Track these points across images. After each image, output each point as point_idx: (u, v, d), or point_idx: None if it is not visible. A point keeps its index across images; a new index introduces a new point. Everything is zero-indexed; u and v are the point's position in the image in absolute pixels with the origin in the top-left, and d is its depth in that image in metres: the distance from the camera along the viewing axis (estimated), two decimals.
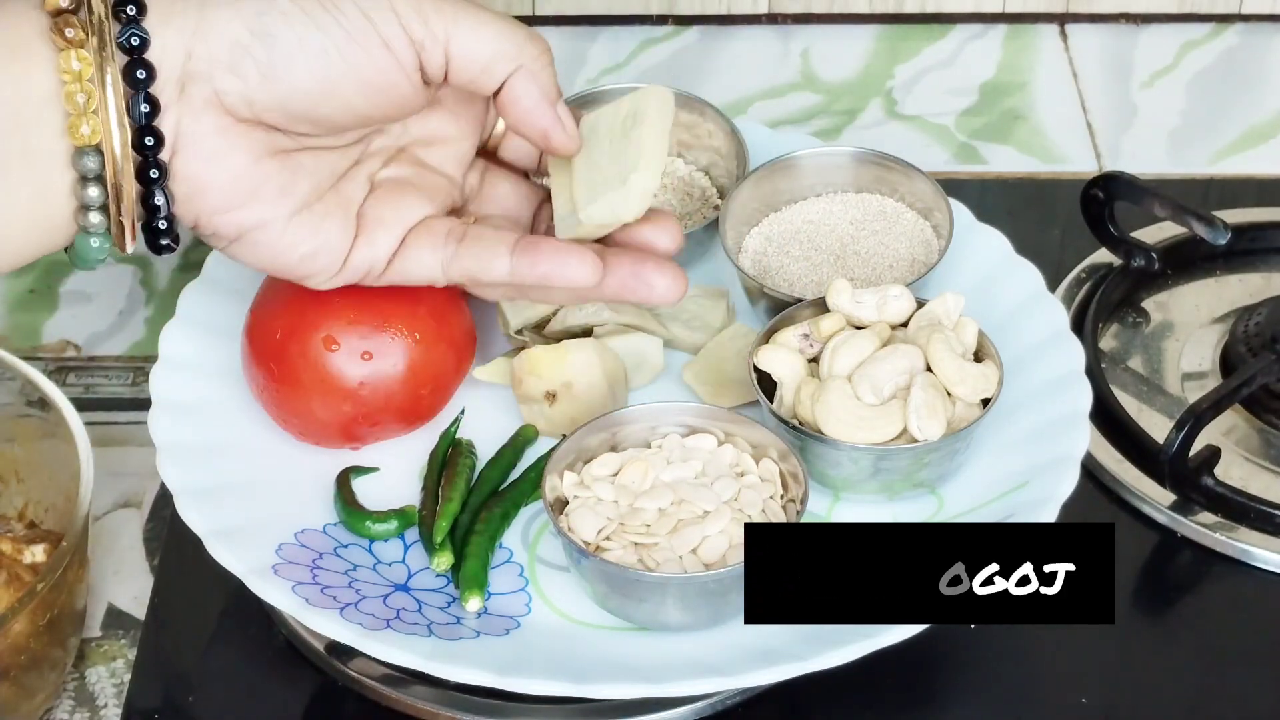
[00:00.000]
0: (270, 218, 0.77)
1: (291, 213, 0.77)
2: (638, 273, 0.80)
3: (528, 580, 0.83)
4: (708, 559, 0.79)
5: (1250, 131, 1.13)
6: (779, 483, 0.82)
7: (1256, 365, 0.91)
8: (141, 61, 0.72)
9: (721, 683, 0.77)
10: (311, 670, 0.83)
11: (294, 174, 0.77)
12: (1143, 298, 1.01)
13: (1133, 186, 0.99)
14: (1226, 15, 1.20)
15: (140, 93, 0.72)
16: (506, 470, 0.87)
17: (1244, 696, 0.83)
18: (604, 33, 1.20)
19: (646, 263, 0.80)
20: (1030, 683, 0.84)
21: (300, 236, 0.78)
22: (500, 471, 0.87)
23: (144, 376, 0.95)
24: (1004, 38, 1.20)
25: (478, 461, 0.87)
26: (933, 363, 0.84)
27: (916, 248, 0.94)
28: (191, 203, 0.75)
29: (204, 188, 0.75)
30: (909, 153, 0.97)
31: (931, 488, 0.86)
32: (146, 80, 0.72)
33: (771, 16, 1.21)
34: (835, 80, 1.17)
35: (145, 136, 0.73)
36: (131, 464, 0.92)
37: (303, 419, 0.86)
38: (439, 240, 0.80)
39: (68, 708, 0.83)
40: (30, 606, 0.77)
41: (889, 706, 0.82)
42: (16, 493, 0.87)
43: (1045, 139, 1.12)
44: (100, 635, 0.86)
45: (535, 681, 0.77)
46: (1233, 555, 0.88)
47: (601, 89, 1.00)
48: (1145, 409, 0.95)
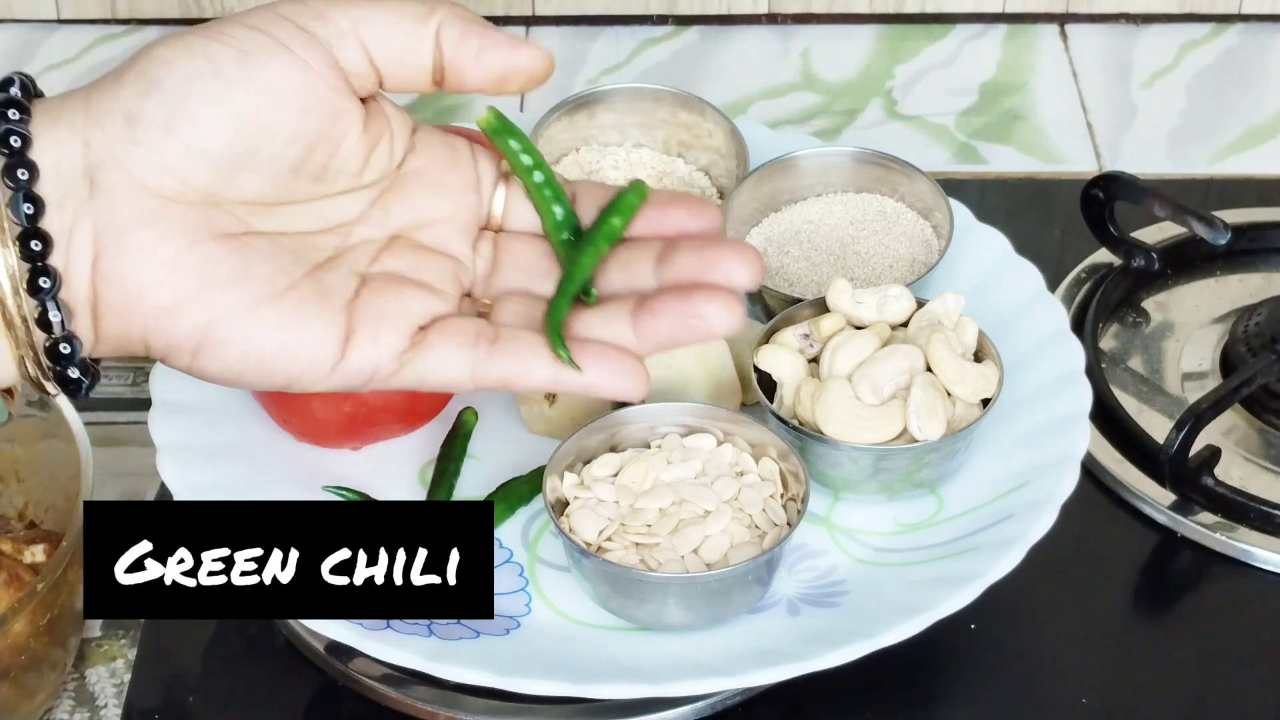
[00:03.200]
0: (228, 309, 0.66)
1: (255, 302, 0.67)
2: (691, 310, 0.70)
3: (528, 580, 0.83)
4: (709, 558, 0.79)
5: (1250, 131, 1.13)
6: (779, 482, 0.82)
7: (1256, 365, 0.91)
8: (22, 160, 0.64)
9: (721, 683, 0.77)
10: (311, 670, 0.83)
11: (246, 257, 0.67)
12: (1143, 298, 1.01)
13: (1133, 186, 0.99)
14: (1226, 15, 1.20)
15: (20, 192, 0.64)
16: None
17: (1244, 696, 0.83)
18: (604, 33, 1.20)
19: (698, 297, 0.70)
20: (1030, 683, 0.84)
21: (270, 327, 0.67)
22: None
23: (144, 376, 0.95)
24: (1004, 38, 1.20)
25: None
26: (933, 363, 0.84)
27: (916, 248, 0.94)
28: (133, 310, 0.66)
29: (141, 286, 0.66)
30: (909, 153, 0.97)
31: (931, 488, 0.86)
32: (29, 180, 0.64)
33: (771, 16, 1.21)
34: (835, 80, 1.17)
35: (31, 240, 0.64)
36: (131, 464, 0.92)
37: (303, 419, 0.86)
38: (467, 340, 0.70)
39: (68, 708, 0.83)
40: (30, 606, 0.77)
41: (889, 706, 0.82)
42: (16, 493, 0.87)
43: (1045, 139, 1.12)
44: (100, 635, 0.86)
45: (535, 681, 0.77)
46: (1233, 555, 0.88)
47: (602, 89, 1.00)
48: (1145, 409, 0.95)
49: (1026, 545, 0.81)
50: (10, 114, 0.65)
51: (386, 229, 0.71)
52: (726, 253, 0.70)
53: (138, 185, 0.66)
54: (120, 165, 0.65)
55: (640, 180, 0.73)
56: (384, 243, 0.71)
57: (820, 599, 0.82)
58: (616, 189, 0.73)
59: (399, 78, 0.70)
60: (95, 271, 0.66)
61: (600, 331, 0.71)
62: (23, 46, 1.19)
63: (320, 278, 0.69)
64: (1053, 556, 0.83)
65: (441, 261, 0.72)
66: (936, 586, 0.80)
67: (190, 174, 0.66)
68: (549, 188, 0.73)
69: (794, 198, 0.97)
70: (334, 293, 0.69)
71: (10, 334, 0.66)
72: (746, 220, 0.96)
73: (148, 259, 0.66)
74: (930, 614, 0.79)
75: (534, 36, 1.20)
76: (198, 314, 0.66)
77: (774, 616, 0.81)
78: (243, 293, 0.67)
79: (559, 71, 1.19)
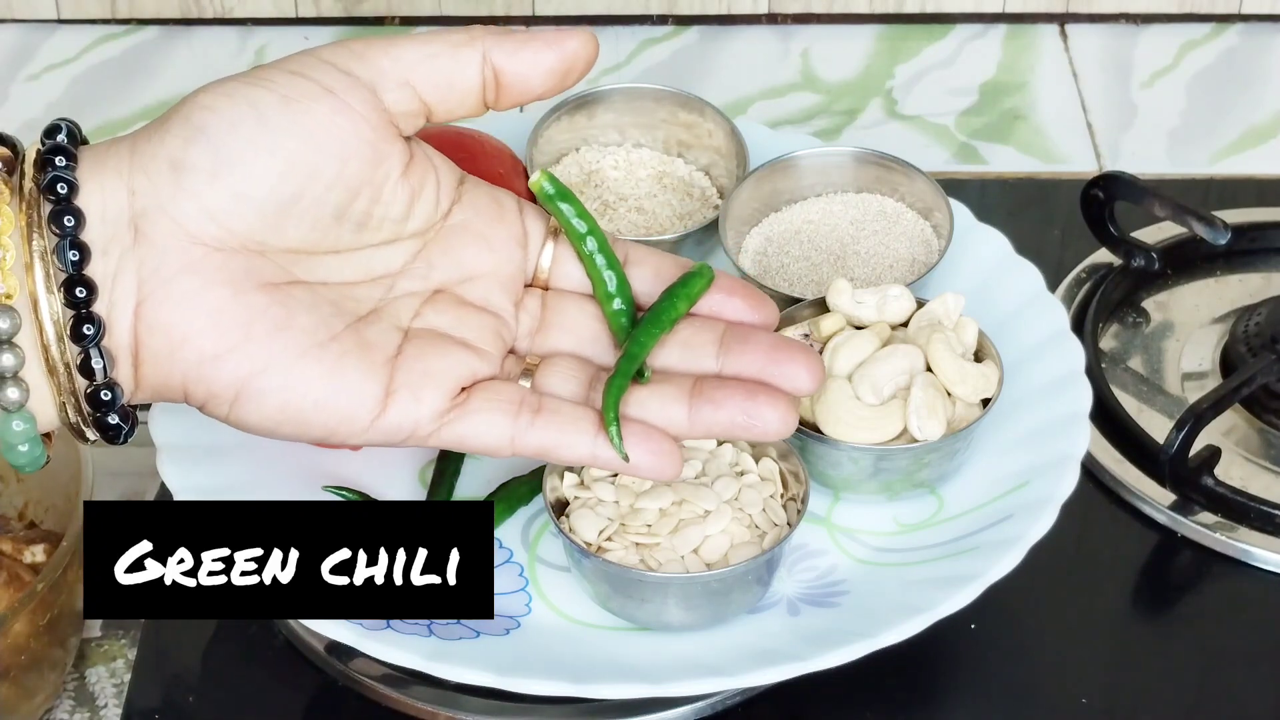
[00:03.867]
0: (269, 360, 0.67)
1: (297, 353, 0.67)
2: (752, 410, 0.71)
3: (528, 580, 0.83)
4: (709, 558, 0.79)
5: (1250, 131, 1.13)
6: (779, 481, 0.82)
7: (1256, 365, 0.91)
8: (69, 208, 0.65)
9: (721, 683, 0.77)
10: (311, 670, 0.83)
11: (289, 308, 0.68)
12: (1143, 298, 1.01)
13: (1133, 186, 0.99)
14: (1226, 15, 1.20)
15: (66, 239, 0.65)
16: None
17: (1244, 696, 0.83)
18: (604, 33, 1.20)
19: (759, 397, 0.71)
20: (1030, 683, 0.84)
21: (312, 378, 0.67)
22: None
23: None
24: (1004, 38, 1.20)
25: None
26: (933, 363, 0.84)
27: (916, 248, 0.94)
28: (175, 358, 0.67)
29: (183, 335, 0.66)
30: (909, 153, 0.97)
31: (931, 488, 0.86)
32: (75, 227, 0.65)
33: (771, 16, 1.21)
34: (835, 80, 1.17)
35: (76, 288, 0.65)
36: (131, 464, 0.92)
37: None
38: (510, 408, 0.70)
39: (68, 708, 0.83)
40: (30, 606, 0.77)
41: (889, 706, 0.82)
42: (16, 493, 0.87)
43: (1045, 139, 1.12)
44: (100, 635, 0.86)
45: (535, 681, 0.77)
46: (1233, 555, 0.88)
47: (601, 89, 1.00)
48: (1145, 409, 0.95)
49: (1026, 545, 0.81)
50: (57, 160, 0.66)
51: (430, 282, 0.72)
52: (797, 356, 0.72)
53: (182, 233, 0.66)
54: (165, 212, 0.66)
55: (707, 265, 0.74)
56: (426, 296, 0.71)
57: (820, 599, 0.82)
58: (675, 262, 0.74)
59: (449, 104, 0.70)
60: (138, 319, 0.66)
61: (654, 412, 0.72)
62: (23, 46, 1.19)
63: (362, 331, 0.69)
64: (1053, 556, 0.83)
65: (484, 319, 0.72)
66: (936, 586, 0.80)
67: (235, 220, 0.66)
68: (603, 254, 0.74)
69: (794, 198, 0.97)
70: (376, 347, 0.69)
71: (53, 380, 0.66)
72: (746, 220, 0.96)
73: (191, 307, 0.66)
74: (930, 614, 0.79)
75: None
76: (240, 364, 0.67)
77: (774, 616, 0.81)
78: (285, 343, 0.67)
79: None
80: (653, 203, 0.98)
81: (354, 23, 1.20)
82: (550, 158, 0.99)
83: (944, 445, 0.83)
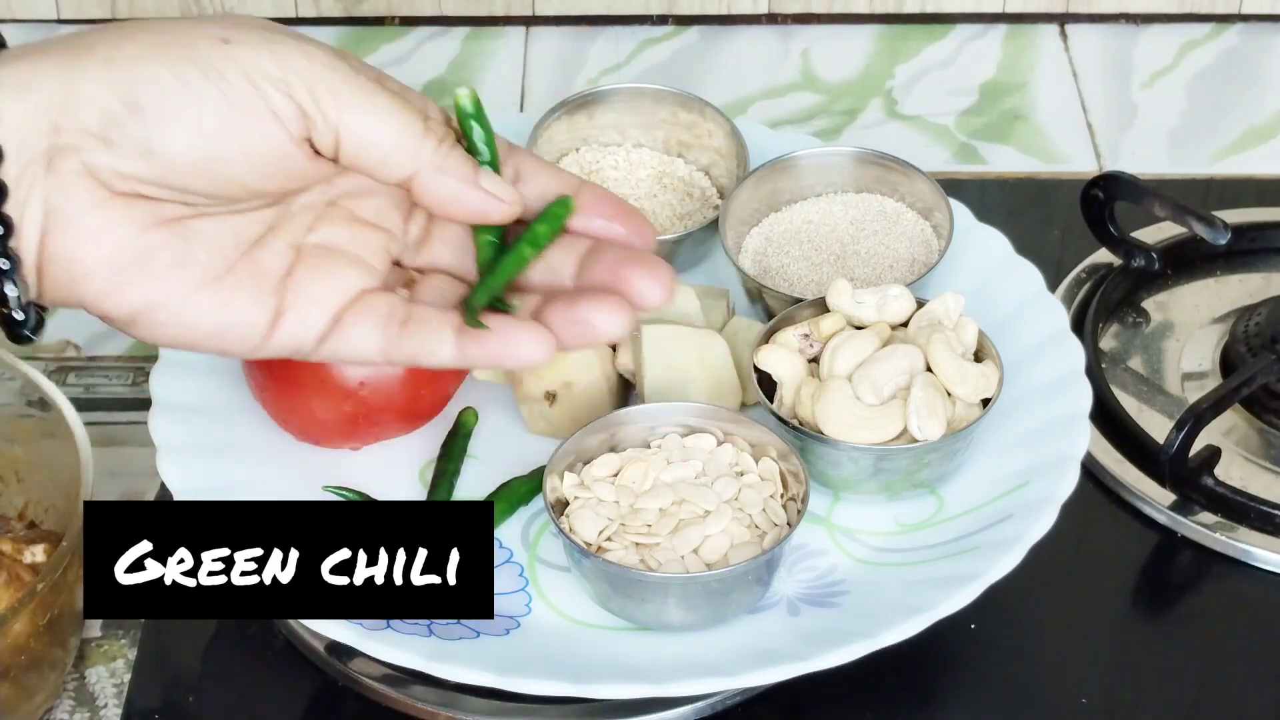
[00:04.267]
0: (165, 296, 0.68)
1: (191, 288, 0.68)
2: (578, 316, 0.70)
3: (528, 580, 0.83)
4: (709, 558, 0.79)
5: (1250, 131, 1.13)
6: (779, 482, 0.82)
7: (1256, 365, 0.91)
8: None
9: (721, 683, 0.77)
10: (311, 670, 0.83)
11: (189, 242, 0.68)
12: (1143, 298, 1.01)
13: (1133, 186, 0.99)
14: (1226, 15, 1.20)
15: None
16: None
17: (1244, 696, 0.83)
18: (604, 33, 1.20)
19: (583, 303, 0.71)
20: (1030, 683, 0.84)
21: (204, 313, 0.69)
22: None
23: (144, 376, 0.95)
24: (1004, 38, 1.20)
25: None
26: (933, 363, 0.84)
27: (916, 248, 0.94)
28: (74, 287, 0.67)
29: (85, 270, 0.67)
30: (909, 153, 0.97)
31: (931, 488, 0.86)
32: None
33: (771, 16, 1.21)
34: (835, 80, 1.17)
35: None
36: (131, 464, 0.92)
37: (303, 419, 0.86)
38: (379, 320, 0.71)
39: (68, 708, 0.83)
40: (30, 606, 0.77)
41: (889, 706, 0.82)
42: (16, 493, 0.87)
43: (1045, 139, 1.12)
44: (100, 635, 0.86)
45: (535, 681, 0.77)
46: (1233, 555, 0.88)
47: (602, 89, 1.00)
48: (1145, 409, 0.95)
49: (1026, 545, 0.81)
50: None
51: (327, 195, 0.72)
52: (639, 267, 0.70)
53: (94, 180, 0.66)
54: (81, 158, 0.66)
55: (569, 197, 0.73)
56: (321, 210, 0.72)
57: (820, 599, 0.82)
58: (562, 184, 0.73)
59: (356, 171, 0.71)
60: (42, 248, 0.67)
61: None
62: None
63: (256, 256, 0.70)
64: (1053, 556, 0.83)
65: (374, 235, 0.73)
66: (936, 586, 0.80)
67: (145, 188, 0.67)
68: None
69: (794, 198, 0.97)
70: (268, 272, 0.70)
71: None
72: (746, 220, 0.96)
73: (94, 243, 0.67)
74: (930, 614, 0.79)
75: (534, 36, 1.20)
76: (135, 299, 0.68)
77: (774, 616, 0.81)
78: (182, 278, 0.68)
79: (559, 71, 1.20)
80: (653, 203, 0.98)
81: (354, 23, 1.20)
82: (550, 157, 0.99)
83: (944, 445, 0.83)
